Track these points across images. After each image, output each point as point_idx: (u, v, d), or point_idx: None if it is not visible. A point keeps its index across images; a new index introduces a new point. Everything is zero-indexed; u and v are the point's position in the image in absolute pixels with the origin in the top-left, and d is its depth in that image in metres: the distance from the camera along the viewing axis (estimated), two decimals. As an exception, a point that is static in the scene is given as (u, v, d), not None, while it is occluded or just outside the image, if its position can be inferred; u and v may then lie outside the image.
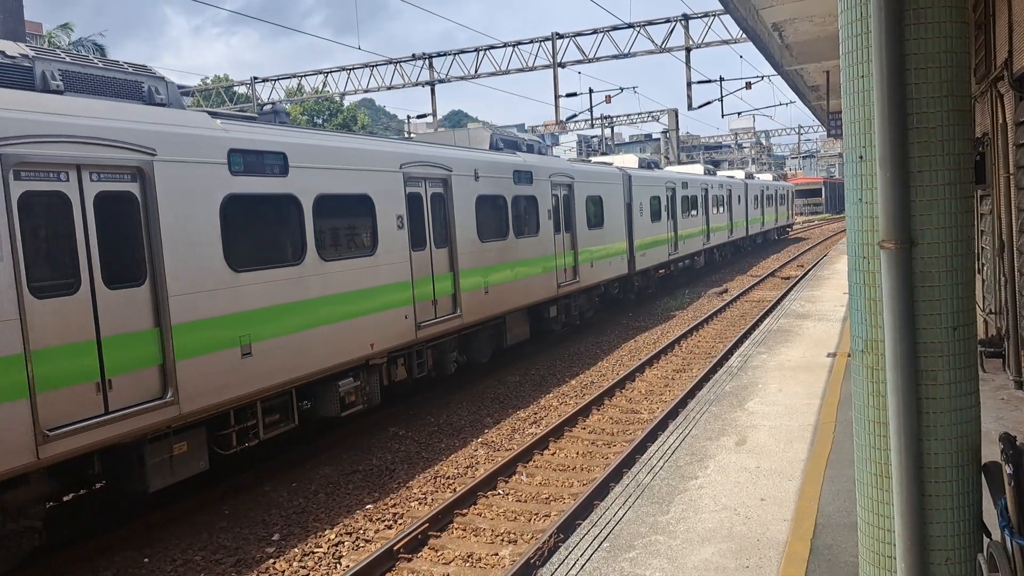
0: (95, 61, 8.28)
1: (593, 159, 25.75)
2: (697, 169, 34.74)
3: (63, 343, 6.79)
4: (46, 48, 8.00)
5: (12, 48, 7.42)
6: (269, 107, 11.56)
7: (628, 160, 25.46)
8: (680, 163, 44.75)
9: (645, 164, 25.92)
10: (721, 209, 33.20)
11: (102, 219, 7.25)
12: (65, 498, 8.64)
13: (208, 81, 48.98)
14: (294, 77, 38.02)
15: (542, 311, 16.60)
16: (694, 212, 28.77)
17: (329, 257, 10.00)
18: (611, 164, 22.76)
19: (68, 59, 7.87)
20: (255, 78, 37.81)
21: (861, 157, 3.62)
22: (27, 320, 6.48)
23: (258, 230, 9.13)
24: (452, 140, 15.35)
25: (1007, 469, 3.34)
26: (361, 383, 10.66)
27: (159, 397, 7.61)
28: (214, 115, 9.04)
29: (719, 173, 38.61)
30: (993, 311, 10.17)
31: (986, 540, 3.54)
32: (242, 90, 40.43)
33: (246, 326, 8.63)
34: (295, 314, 9.34)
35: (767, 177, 51.27)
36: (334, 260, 10.07)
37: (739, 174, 42.90)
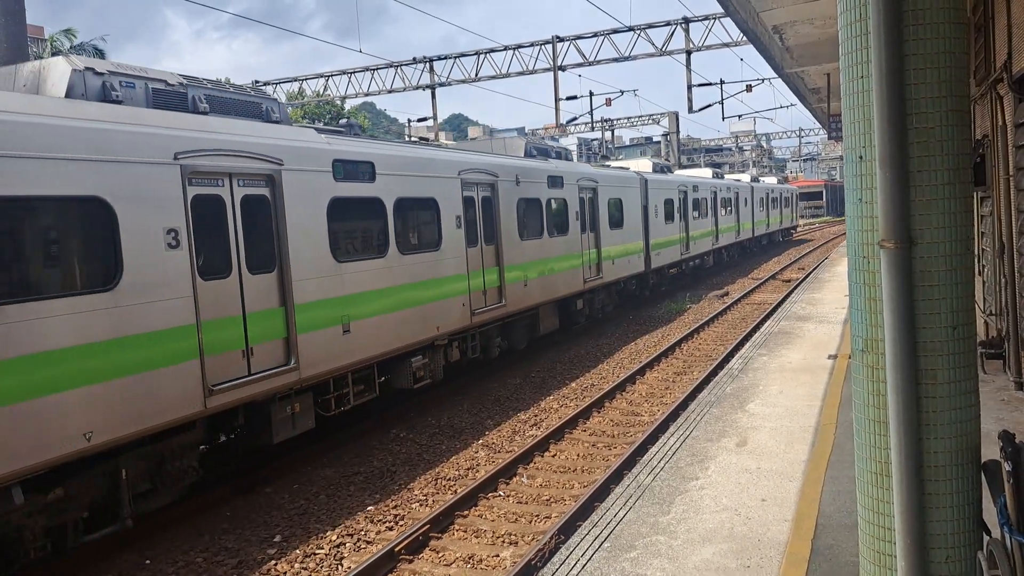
0: (227, 86, 10.00)
1: (612, 163, 26.90)
2: (706, 173, 35.64)
3: (221, 317, 8.38)
4: (194, 76, 9.17)
5: (172, 77, 8.92)
6: (344, 122, 13.37)
7: (643, 164, 26.59)
8: (681, 166, 44.77)
9: (659, 168, 27.17)
10: (729, 211, 34.40)
11: (245, 217, 8.86)
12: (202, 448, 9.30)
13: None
14: (295, 80, 38.08)
15: (570, 304, 18.11)
16: (704, 214, 30.03)
17: (405, 251, 11.64)
18: (628, 168, 23.82)
19: (209, 85, 9.48)
20: (256, 82, 37.88)
21: (861, 157, 3.64)
22: (198, 297, 8.05)
23: (353, 228, 10.79)
24: (490, 148, 16.99)
25: (1006, 467, 3.35)
26: (428, 360, 12.32)
27: (285, 364, 9.23)
28: (318, 131, 10.74)
29: (727, 177, 39.67)
30: (994, 312, 10.19)
31: (986, 538, 3.56)
32: (243, 93, 40.46)
33: (346, 308, 10.29)
34: (382, 299, 11.02)
35: (772, 180, 52.45)
36: (410, 254, 11.73)
37: (745, 178, 43.91)
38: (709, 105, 33.94)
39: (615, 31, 30.02)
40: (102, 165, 7.27)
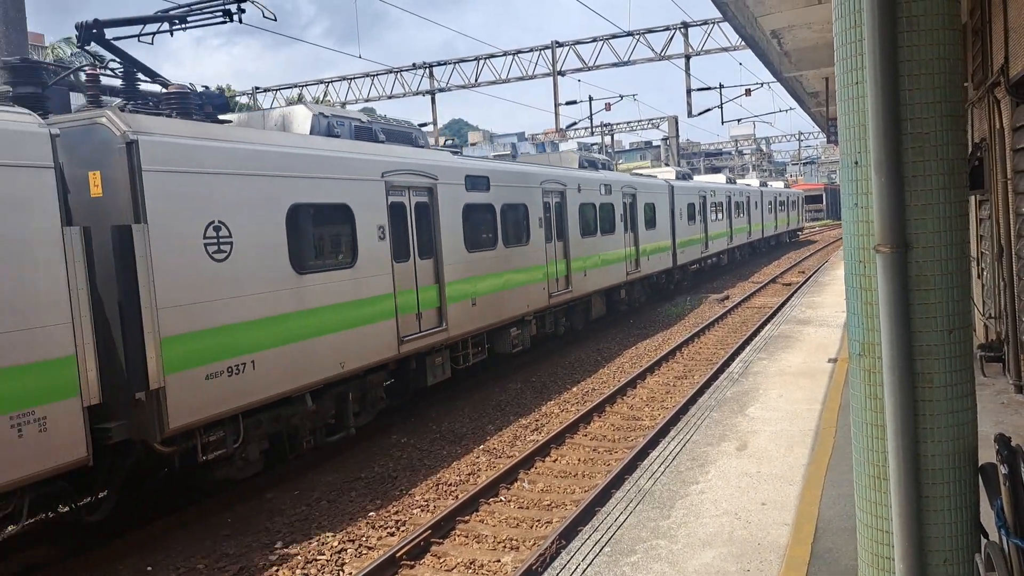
0: (391, 121, 13.24)
1: (643, 171, 29.93)
2: (720, 179, 38.44)
3: (405, 289, 11.61)
4: (375, 113, 11.42)
5: (362, 116, 12.12)
6: (450, 142, 16.97)
7: (668, 172, 29.74)
8: (678, 168, 45.14)
9: (681, 176, 30.26)
10: (741, 214, 37.17)
11: (417, 219, 12.07)
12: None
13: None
14: (295, 87, 38.16)
15: (613, 294, 21.03)
16: (720, 216, 32.73)
17: (508, 245, 14.83)
18: (656, 176, 26.94)
19: (383, 121, 12.98)
20: (257, 88, 37.97)
21: (856, 162, 3.66)
22: (394, 274, 11.29)
23: (476, 226, 13.79)
24: (547, 161, 20.57)
25: (1002, 470, 3.37)
26: (521, 332, 15.43)
27: (439, 327, 12.40)
28: (452, 153, 14.41)
29: (738, 182, 42.01)
30: (993, 316, 10.20)
31: (983, 541, 3.57)
32: (244, 100, 40.58)
33: (473, 286, 13.45)
34: (494, 281, 14.17)
35: (779, 185, 55.92)
36: (510, 247, 14.92)
37: (754, 183, 46.27)
38: (708, 109, 34.04)
39: (614, 36, 30.11)
40: (348, 182, 10.53)
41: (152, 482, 9.44)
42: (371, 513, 8.99)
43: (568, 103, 38.74)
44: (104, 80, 8.94)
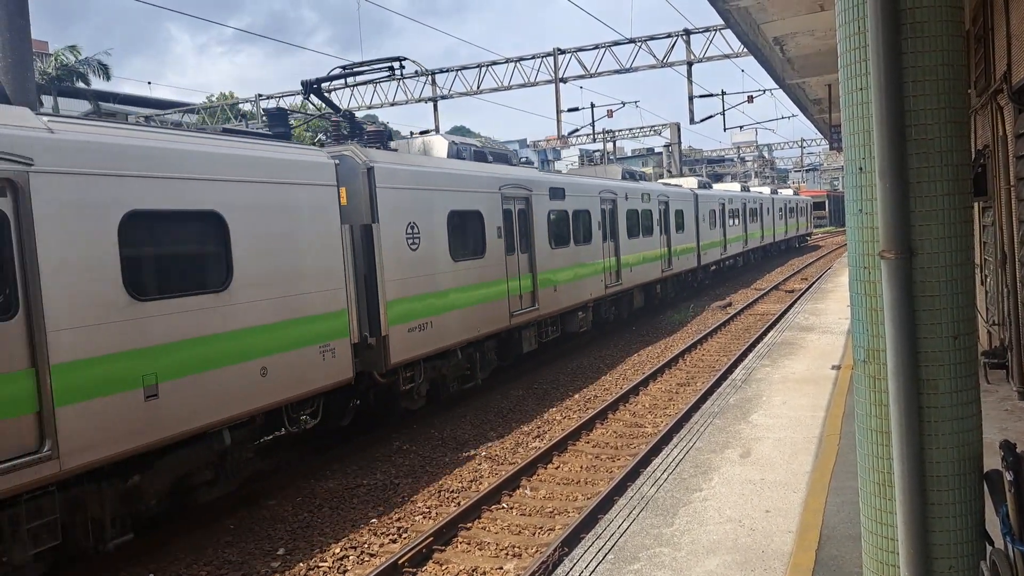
0: (494, 144, 17.11)
1: (671, 181, 33.22)
2: (735, 187, 42.32)
3: (512, 276, 14.87)
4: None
5: (477, 143, 15.36)
6: (530, 160, 21.00)
7: (690, 182, 32.68)
8: (682, 176, 45.44)
9: (702, 184, 33.34)
10: (755, 220, 40.12)
11: (519, 222, 15.38)
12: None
13: (213, 99, 49.26)
14: (298, 94, 38.23)
15: (650, 289, 24.02)
16: (737, 222, 35.75)
17: (577, 244, 18.01)
18: (681, 186, 29.86)
19: (489, 145, 17.03)
20: (259, 95, 38.05)
21: (861, 169, 3.66)
22: (507, 264, 14.69)
23: (556, 228, 16.99)
24: (593, 173, 23.49)
25: (1008, 476, 3.36)
26: (585, 315, 18.61)
27: (532, 307, 15.62)
28: (539, 169, 18.35)
29: (751, 190, 45.16)
30: (996, 322, 10.18)
31: (989, 548, 3.55)
32: (247, 107, 40.67)
33: (554, 276, 16.69)
34: (568, 272, 17.36)
35: (788, 192, 58.86)
36: (578, 245, 18.01)
37: (765, 190, 49.05)
38: (711, 116, 34.04)
39: (616, 43, 30.13)
40: (480, 194, 13.83)
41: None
42: (373, 520, 8.97)
43: (570, 110, 38.89)
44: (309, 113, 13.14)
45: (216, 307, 8.44)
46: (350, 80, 14.34)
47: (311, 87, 13.39)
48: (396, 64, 13.31)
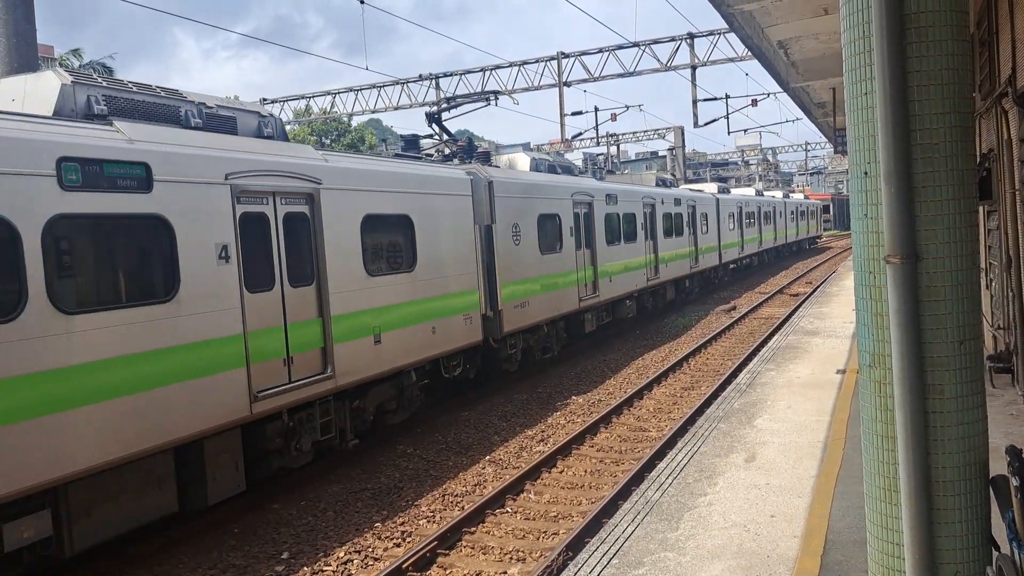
0: (561, 160, 20.33)
1: (693, 187, 36.08)
2: (750, 191, 44.66)
3: (581, 268, 17.88)
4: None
5: (549, 157, 18.18)
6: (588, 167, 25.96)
7: (711, 187, 36.05)
8: (687, 180, 45.68)
9: (722, 190, 36.53)
10: (769, 222, 43.53)
11: (584, 221, 18.27)
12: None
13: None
14: (302, 98, 38.34)
15: (680, 284, 26.97)
16: (753, 224, 38.74)
17: (626, 242, 20.85)
18: (702, 191, 33.09)
19: (558, 159, 20.15)
20: (264, 99, 38.12)
21: (866, 173, 3.65)
22: (576, 257, 17.60)
23: (611, 228, 19.87)
24: (630, 181, 25.56)
25: (1014, 482, 3.35)
26: (632, 303, 21.69)
27: (594, 294, 18.49)
28: (596, 178, 21.59)
29: (766, 193, 48.84)
30: (1002, 326, 10.15)
31: (995, 553, 3.54)
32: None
33: (610, 269, 19.52)
34: (618, 265, 20.07)
35: (799, 196, 62.66)
36: (627, 244, 20.90)
37: (778, 195, 51.98)
38: (715, 120, 34.07)
39: (620, 47, 30.18)
40: (558, 200, 16.96)
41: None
42: (377, 524, 8.97)
43: (574, 114, 38.98)
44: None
45: (410, 282, 11.79)
46: (444, 106, 18.03)
47: (434, 118, 17.28)
48: (492, 96, 17.99)
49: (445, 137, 17.16)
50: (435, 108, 17.43)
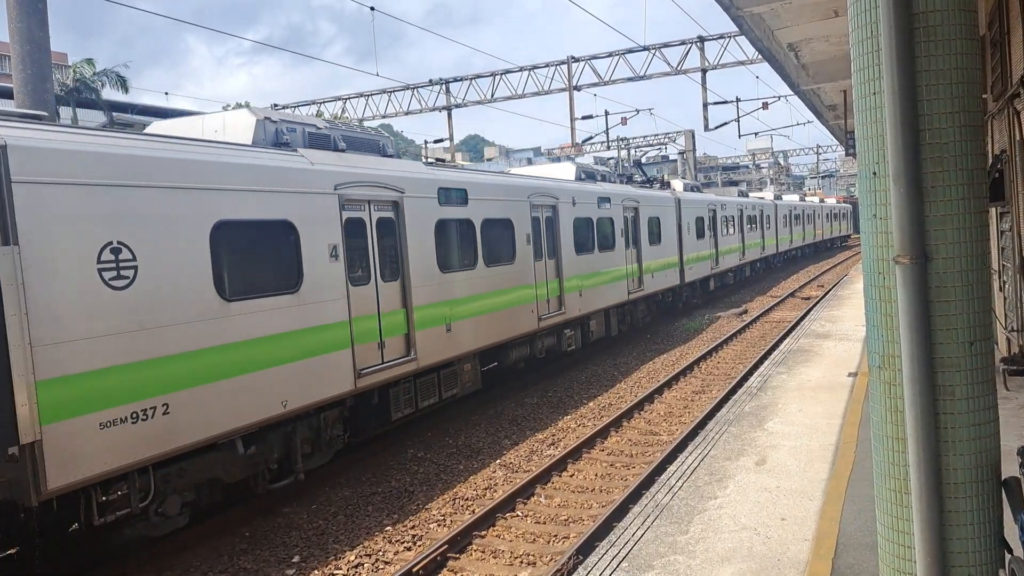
0: (620, 168, 26.33)
1: (755, 194, 42.77)
2: (794, 198, 53.18)
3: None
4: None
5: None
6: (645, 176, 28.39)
7: (769, 195, 43.26)
8: (694, 182, 46.19)
9: (776, 197, 44.18)
10: (810, 223, 52.73)
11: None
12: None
13: (230, 109, 49.55)
14: (313, 104, 38.49)
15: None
16: (798, 224, 47.04)
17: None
18: (764, 198, 39.32)
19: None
20: (275, 105, 38.31)
21: (875, 173, 3.63)
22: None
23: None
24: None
25: (1026, 484, 3.31)
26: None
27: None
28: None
29: (806, 199, 57.46)
30: (1015, 328, 10.08)
31: (1007, 556, 3.51)
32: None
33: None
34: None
35: (832, 201, 70.01)
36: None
37: (814, 199, 60.82)
38: (725, 123, 34.02)
39: (630, 51, 30.17)
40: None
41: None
42: (388, 528, 8.97)
43: (584, 117, 38.89)
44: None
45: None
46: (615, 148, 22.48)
47: (638, 163, 22.31)
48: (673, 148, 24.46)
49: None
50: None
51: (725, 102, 34.22)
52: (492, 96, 32.71)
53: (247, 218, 8.68)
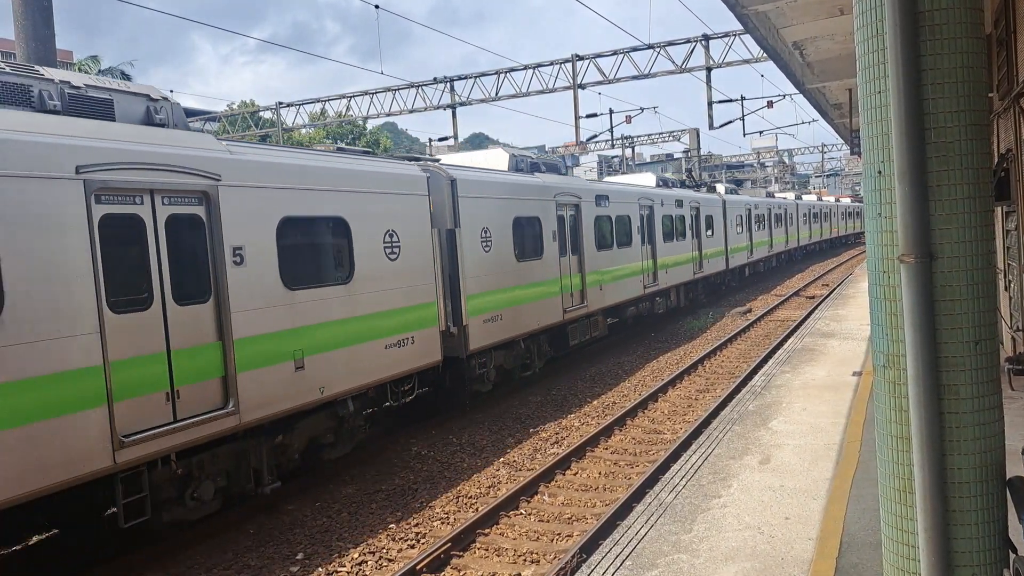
0: (678, 181, 31.11)
1: (779, 194, 47.81)
2: (812, 197, 57.24)
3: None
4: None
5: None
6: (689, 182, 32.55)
7: (790, 196, 46.98)
8: (699, 181, 46.04)
9: (797, 196, 47.77)
10: (827, 220, 57.49)
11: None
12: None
13: (234, 107, 49.65)
14: (318, 102, 38.47)
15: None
16: (816, 221, 51.07)
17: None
18: (786, 197, 43.36)
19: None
20: (280, 103, 38.33)
21: (880, 172, 3.63)
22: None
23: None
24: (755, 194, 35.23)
25: (1031, 483, 3.31)
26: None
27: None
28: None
29: (804, 197, 57.81)
30: (1021, 328, 10.05)
31: (1012, 556, 3.50)
32: (267, 115, 40.98)
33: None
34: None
35: (847, 200, 73.28)
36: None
37: (830, 198, 65.38)
38: (730, 121, 33.89)
39: (635, 49, 30.09)
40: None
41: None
42: (391, 525, 8.98)
43: (589, 116, 38.83)
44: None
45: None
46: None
47: (689, 172, 22.58)
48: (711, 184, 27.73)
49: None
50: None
51: (730, 100, 34.12)
52: (496, 94, 32.67)
53: (527, 215, 15.00)
